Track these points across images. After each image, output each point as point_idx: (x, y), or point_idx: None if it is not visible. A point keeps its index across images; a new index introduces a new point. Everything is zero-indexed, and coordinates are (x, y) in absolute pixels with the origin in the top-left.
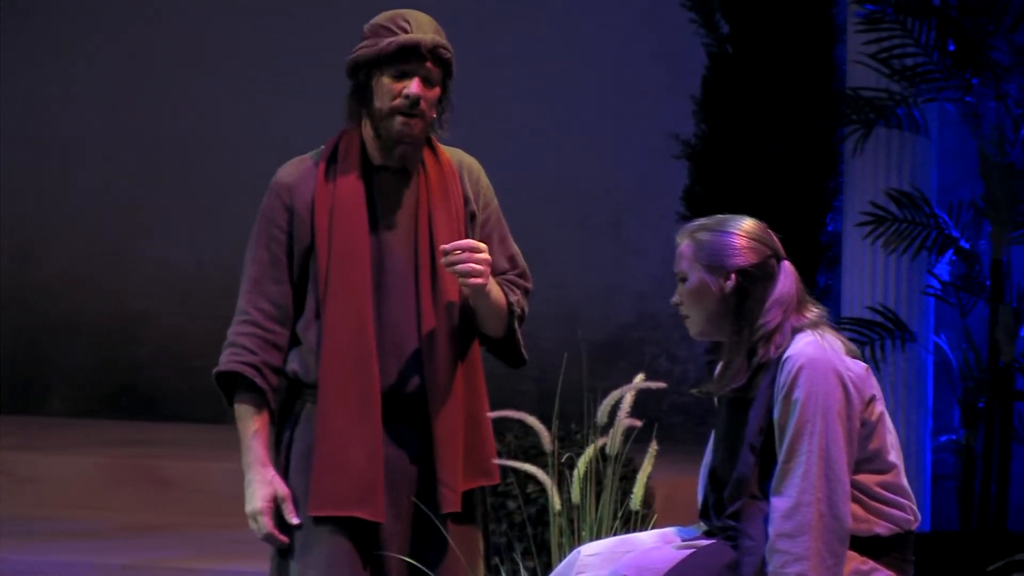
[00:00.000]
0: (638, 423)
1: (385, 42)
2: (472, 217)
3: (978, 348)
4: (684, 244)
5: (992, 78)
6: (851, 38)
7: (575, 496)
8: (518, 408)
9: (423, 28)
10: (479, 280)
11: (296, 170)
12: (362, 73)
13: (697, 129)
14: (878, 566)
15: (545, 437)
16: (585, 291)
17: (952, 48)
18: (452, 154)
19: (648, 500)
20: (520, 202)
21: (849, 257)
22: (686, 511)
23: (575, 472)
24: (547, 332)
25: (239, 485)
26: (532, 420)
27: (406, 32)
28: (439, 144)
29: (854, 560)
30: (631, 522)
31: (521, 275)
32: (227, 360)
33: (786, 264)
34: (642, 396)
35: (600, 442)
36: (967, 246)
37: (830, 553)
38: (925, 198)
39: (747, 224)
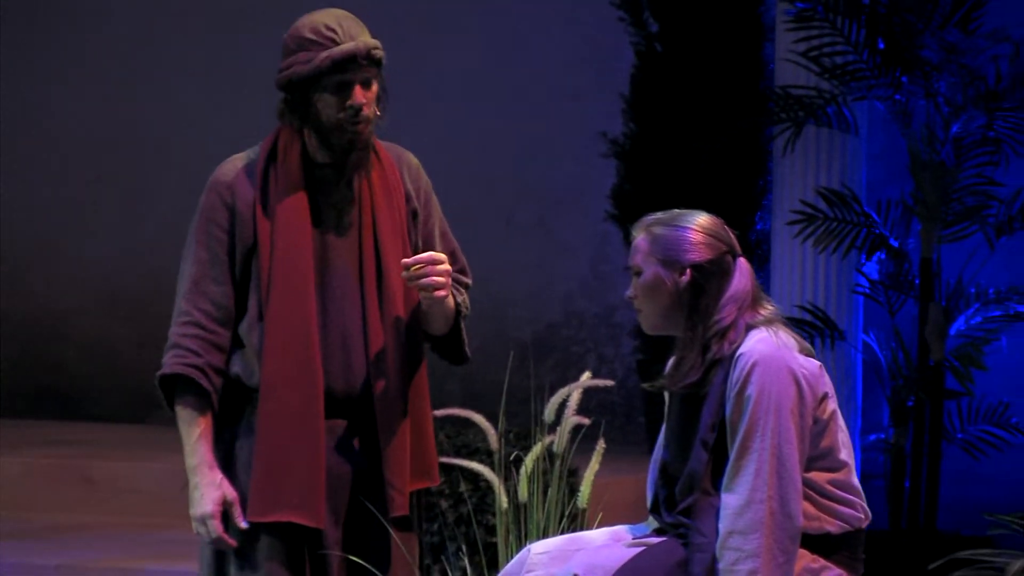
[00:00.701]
0: (586, 421)
1: (320, 58)
2: (414, 215)
3: (907, 347)
4: (640, 238)
5: (921, 76)
6: (780, 36)
7: (522, 494)
8: (444, 407)
9: (350, 32)
10: (442, 293)
11: (236, 168)
12: (298, 90)
13: (626, 128)
14: (829, 564)
15: (492, 436)
16: (512, 289)
17: (882, 46)
18: (391, 150)
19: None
20: (448, 200)
21: (778, 256)
22: (618, 509)
23: (522, 470)
24: (473, 331)
25: (167, 485)
26: (479, 419)
27: (335, 42)
28: (377, 140)
29: (805, 558)
30: (577, 521)
31: (462, 271)
32: (171, 362)
33: (742, 261)
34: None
35: (548, 440)
36: (896, 244)
37: (781, 551)
38: (855, 196)
39: (703, 219)
